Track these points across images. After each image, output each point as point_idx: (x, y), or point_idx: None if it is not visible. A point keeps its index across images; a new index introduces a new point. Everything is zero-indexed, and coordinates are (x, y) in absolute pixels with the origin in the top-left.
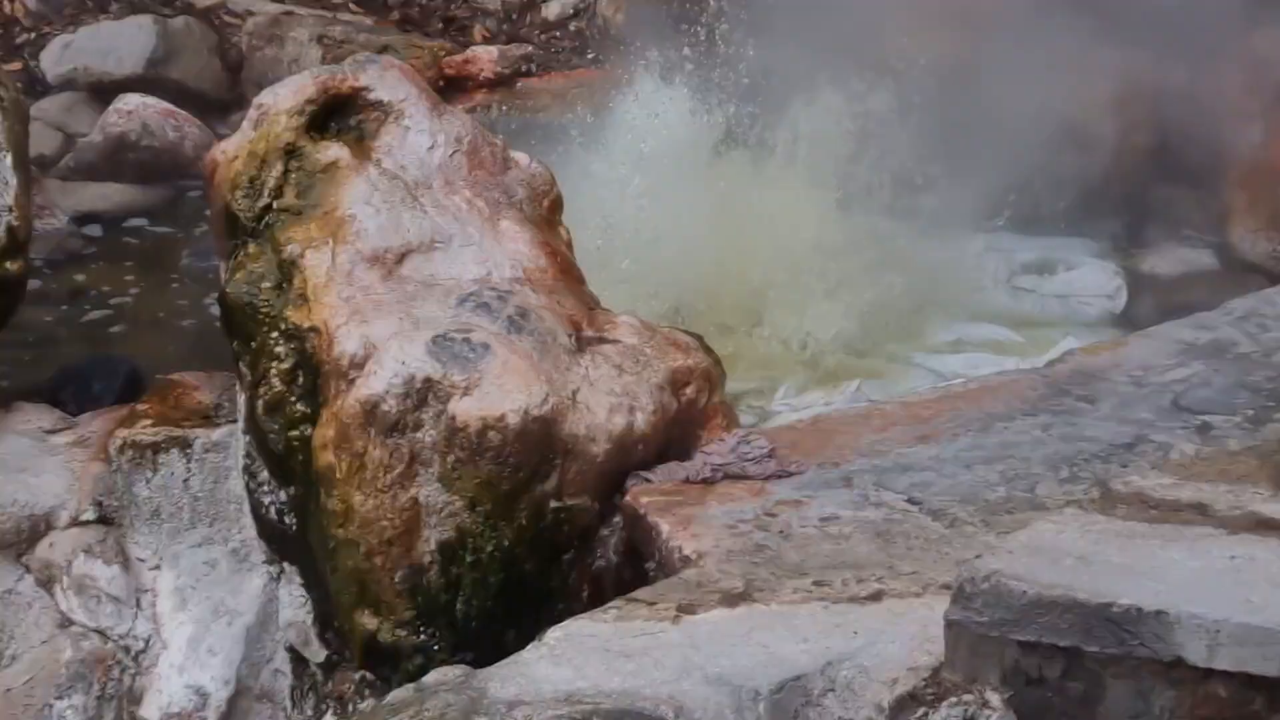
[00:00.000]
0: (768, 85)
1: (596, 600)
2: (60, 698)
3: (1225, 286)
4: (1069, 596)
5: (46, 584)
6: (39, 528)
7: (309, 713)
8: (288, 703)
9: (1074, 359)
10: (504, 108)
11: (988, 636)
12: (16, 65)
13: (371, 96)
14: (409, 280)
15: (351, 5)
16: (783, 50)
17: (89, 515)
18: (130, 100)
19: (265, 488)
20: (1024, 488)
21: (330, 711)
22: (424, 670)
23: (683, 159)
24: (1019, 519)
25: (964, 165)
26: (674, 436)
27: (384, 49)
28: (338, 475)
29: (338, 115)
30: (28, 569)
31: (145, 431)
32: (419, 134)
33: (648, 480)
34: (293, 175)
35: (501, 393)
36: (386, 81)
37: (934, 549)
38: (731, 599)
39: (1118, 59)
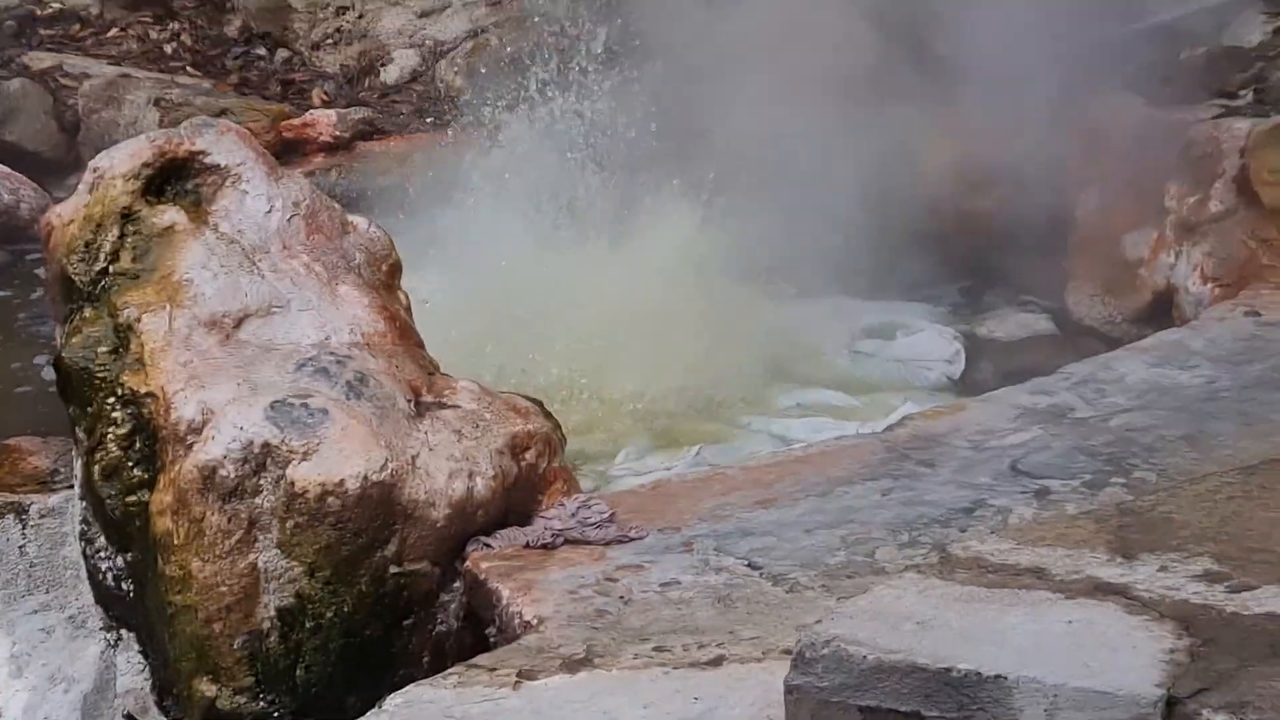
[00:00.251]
0: (612, 150)
1: (438, 666)
2: None
3: (1063, 351)
4: (909, 661)
5: None
6: None
7: None
8: None
9: (913, 423)
10: (343, 171)
11: (829, 702)
12: None
13: (208, 160)
14: (247, 345)
15: (189, 68)
16: (627, 116)
17: None
18: None
19: (103, 554)
20: (864, 552)
21: None
22: None
23: (525, 223)
24: (859, 583)
25: (805, 231)
26: (514, 501)
27: (222, 112)
28: (176, 541)
29: (174, 179)
30: None
31: None
32: (256, 198)
33: (488, 545)
34: (129, 239)
35: (341, 458)
36: (223, 145)
37: (775, 614)
38: (572, 665)
39: (957, 125)
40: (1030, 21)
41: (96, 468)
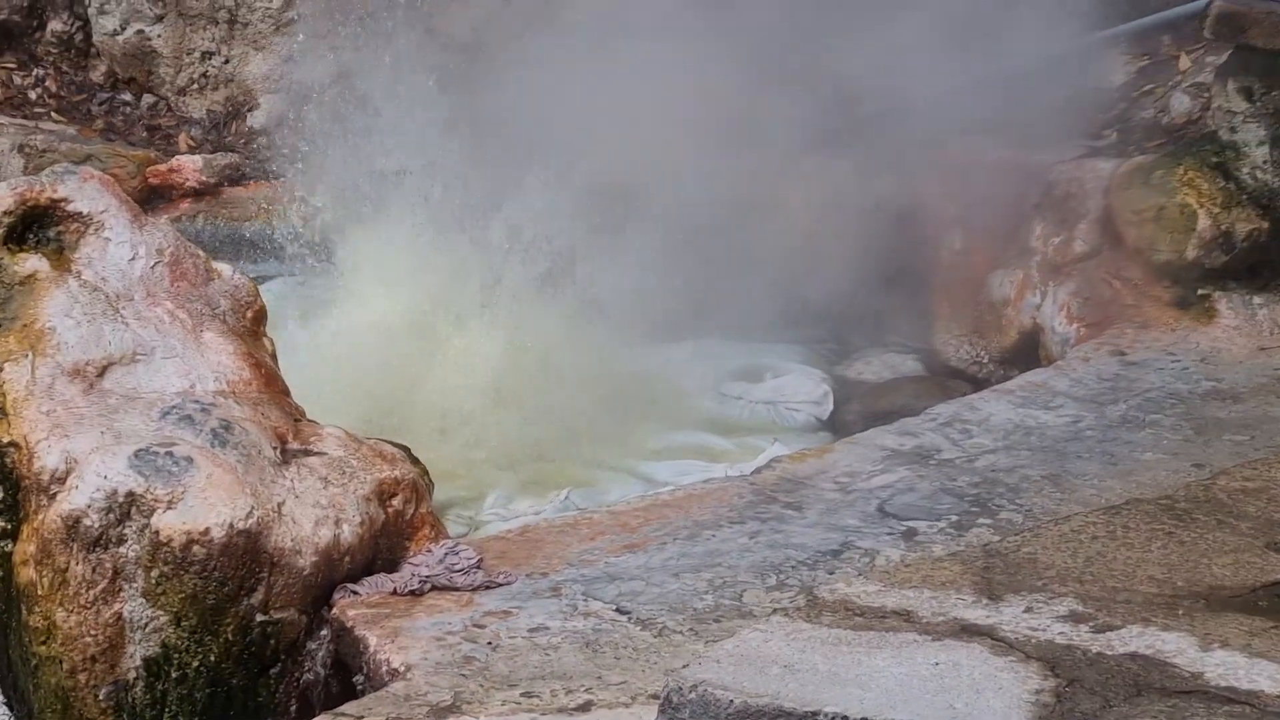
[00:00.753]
0: (477, 188)
1: (304, 714)
2: None
3: (930, 392)
4: (775, 705)
5: None
6: None
7: None
8: None
9: (781, 466)
10: (210, 217)
11: None
12: None
13: (71, 208)
14: (111, 393)
15: (54, 114)
16: (493, 153)
17: None
18: None
19: None
20: (731, 595)
21: None
22: None
23: (386, 265)
24: (726, 627)
25: (670, 273)
26: (382, 548)
27: (87, 158)
28: (39, 591)
29: (36, 226)
30: None
31: None
32: (120, 245)
33: (355, 593)
34: None
35: (205, 506)
36: (86, 192)
37: (642, 658)
38: (440, 712)
39: (821, 167)
40: (892, 65)
41: None
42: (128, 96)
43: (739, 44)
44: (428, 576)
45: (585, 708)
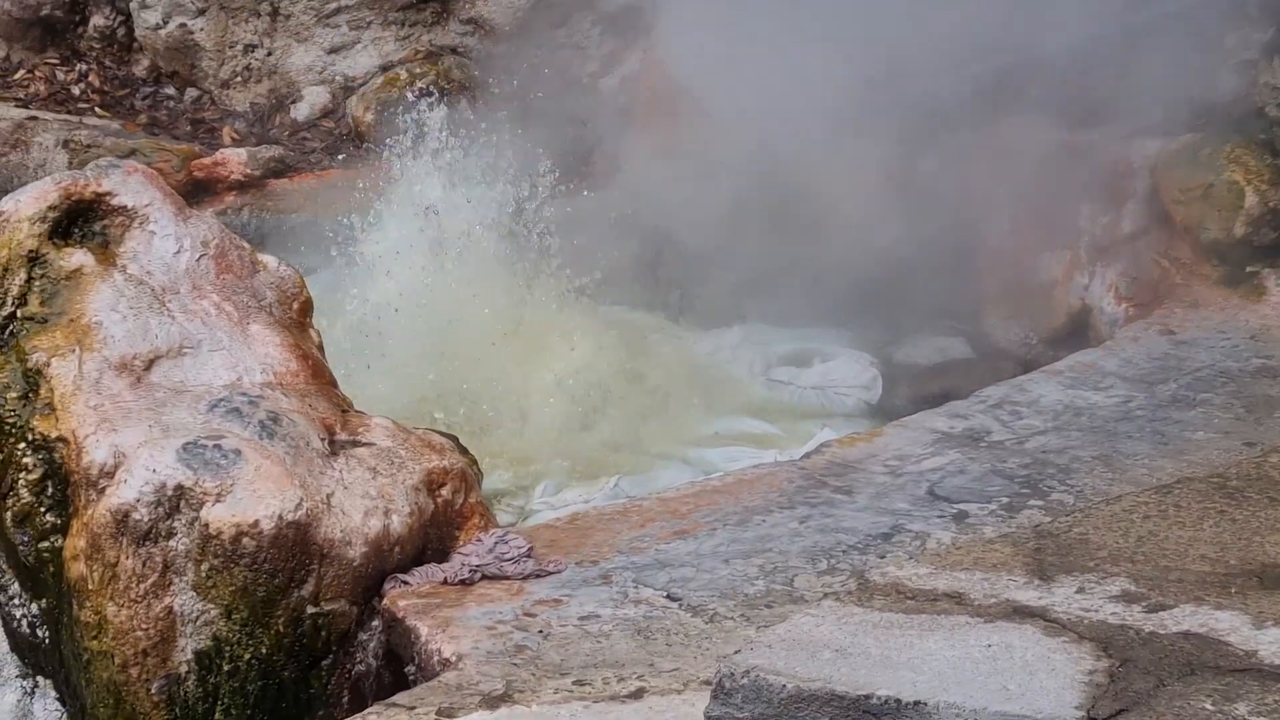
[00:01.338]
0: (524, 182)
1: (357, 706)
2: None
3: (979, 374)
4: (828, 689)
5: None
6: None
7: None
8: None
9: (830, 450)
10: (255, 210)
11: None
12: None
13: (115, 202)
14: (158, 387)
15: (98, 109)
16: (538, 147)
17: None
18: None
19: (16, 600)
20: (782, 581)
21: None
22: None
23: (438, 257)
24: (778, 612)
25: (718, 258)
26: (431, 538)
27: (131, 153)
28: (90, 586)
29: (81, 221)
30: None
31: None
32: (164, 239)
33: (405, 583)
34: (36, 283)
35: (254, 499)
36: (130, 186)
37: (694, 645)
38: (492, 701)
39: (868, 150)
40: (936, 48)
41: (8, 514)
42: (171, 90)
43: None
44: (478, 566)
45: (637, 695)
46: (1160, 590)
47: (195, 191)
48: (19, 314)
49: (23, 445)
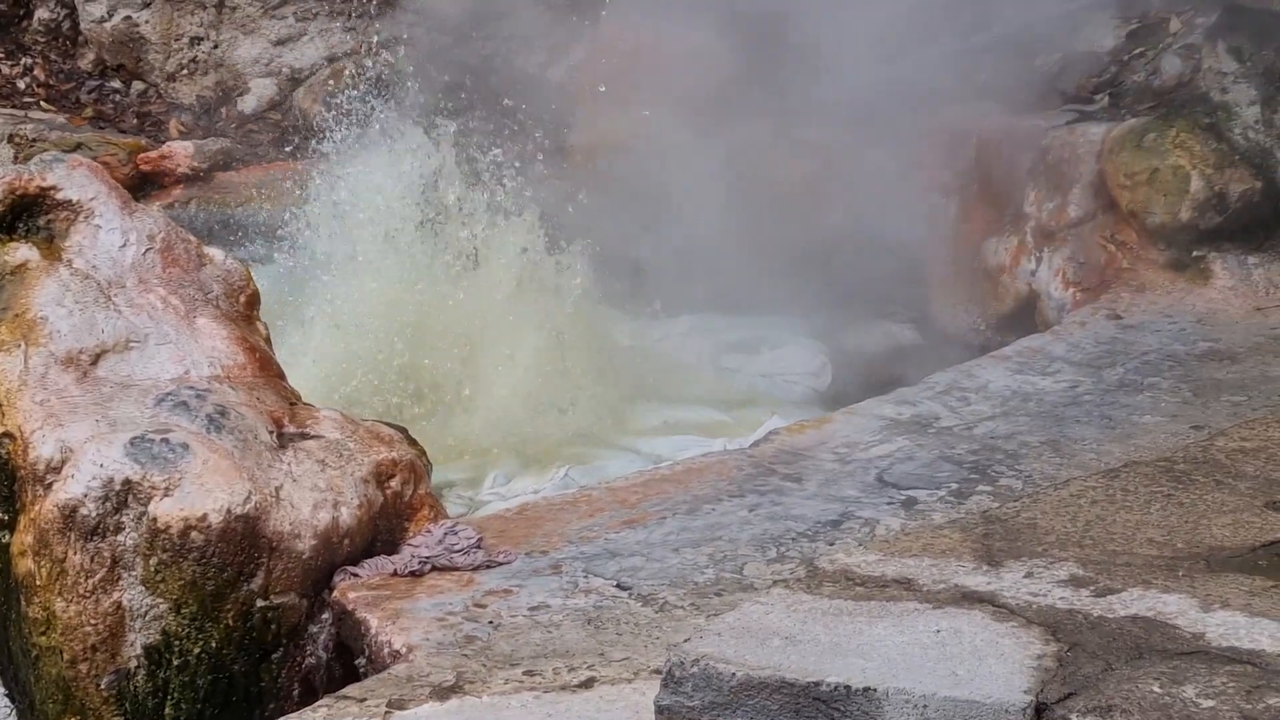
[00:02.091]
0: (472, 170)
1: (307, 698)
2: None
3: (927, 361)
4: (778, 677)
5: None
6: None
7: None
8: None
9: (779, 438)
10: (202, 203)
11: None
12: None
13: (60, 196)
14: (105, 381)
15: (43, 103)
16: (484, 136)
17: None
18: None
19: None
20: (732, 569)
21: None
22: None
23: (387, 247)
24: (727, 600)
25: (665, 247)
26: (381, 530)
27: (77, 146)
28: (38, 582)
29: (26, 216)
30: None
31: None
32: (110, 233)
33: (355, 575)
34: None
35: (203, 492)
36: (74, 180)
37: (644, 634)
38: (442, 692)
39: (814, 139)
40: (882, 35)
41: None
42: (117, 84)
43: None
44: (428, 557)
45: (588, 684)
46: (1108, 574)
47: (142, 185)
48: None
49: None
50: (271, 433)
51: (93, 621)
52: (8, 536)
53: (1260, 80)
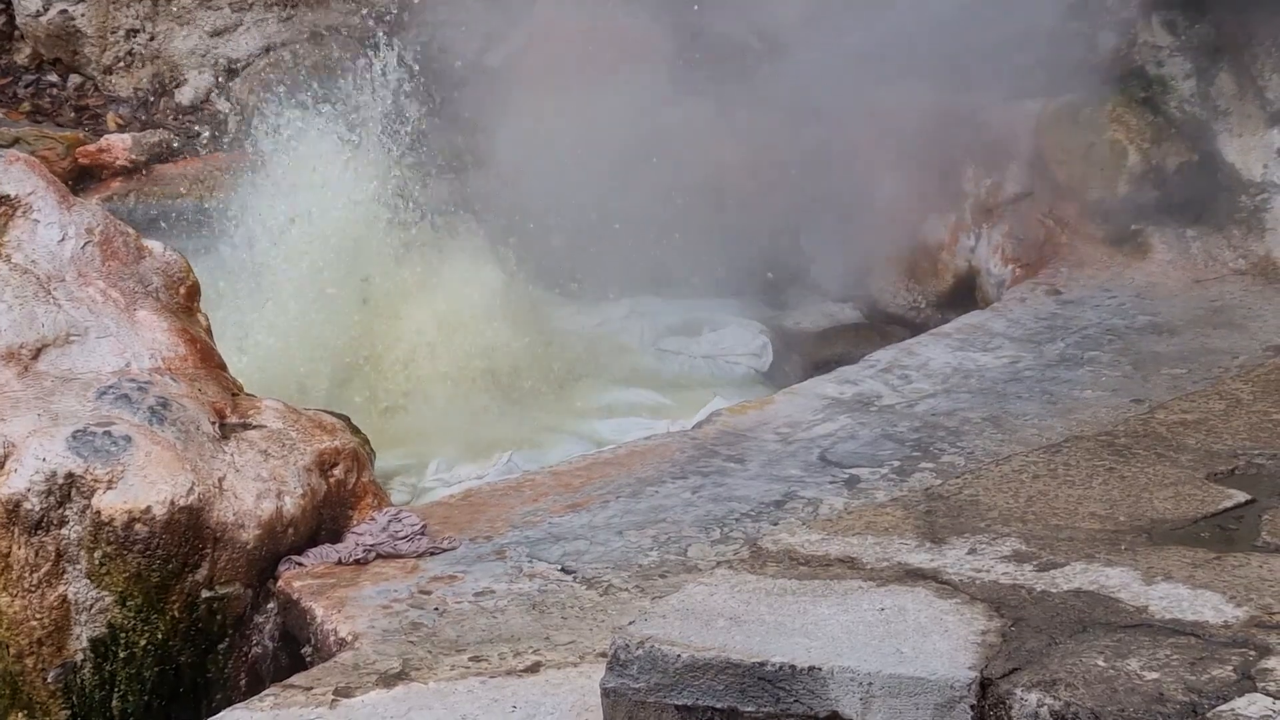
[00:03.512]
0: (416, 158)
1: (254, 688)
2: None
3: (868, 339)
4: (723, 658)
5: None
6: None
7: None
8: None
9: (721, 419)
10: (141, 196)
11: (645, 703)
12: None
13: None
14: (46, 375)
15: None
16: (420, 124)
17: None
18: None
19: None
20: (676, 550)
21: None
22: None
23: (327, 235)
24: (672, 582)
25: (604, 231)
26: (325, 518)
27: (14, 141)
28: None
29: None
30: None
31: None
32: (48, 227)
33: (300, 564)
34: None
35: (146, 484)
36: (12, 175)
37: (589, 617)
38: (389, 679)
39: (749, 120)
40: (816, 15)
41: None
42: (54, 78)
43: None
44: (372, 545)
45: (534, 669)
46: (1051, 549)
47: (81, 179)
48: None
49: None
50: (214, 423)
51: (38, 615)
52: None
53: (1195, 53)
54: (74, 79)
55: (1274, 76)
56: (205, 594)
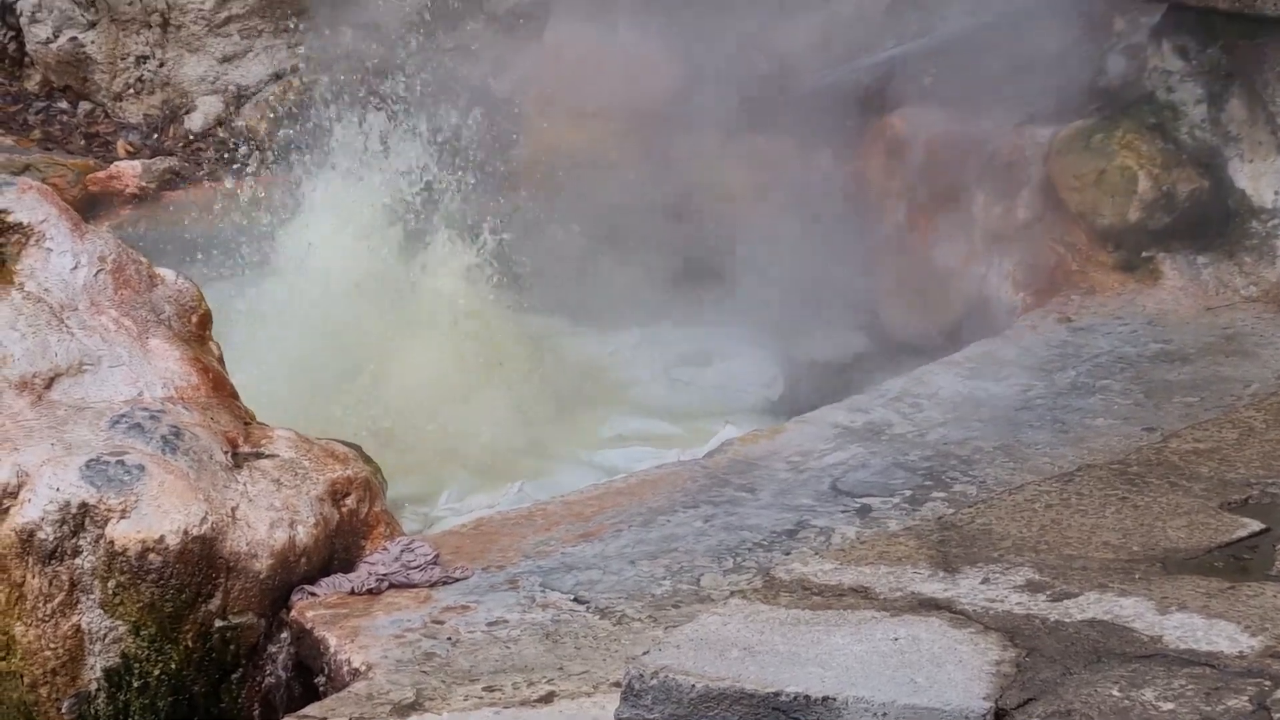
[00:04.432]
0: (424, 185)
1: (268, 718)
2: None
3: (879, 367)
4: (737, 688)
5: None
6: None
7: None
8: None
9: (733, 448)
10: (151, 223)
11: None
12: None
13: (10, 219)
14: (59, 404)
15: None
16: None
17: None
18: None
19: None
20: (689, 580)
21: None
22: None
23: (340, 263)
24: (685, 612)
25: (615, 259)
26: (337, 548)
27: (25, 169)
28: None
29: None
30: None
31: None
32: (61, 255)
33: (313, 594)
34: None
35: (159, 514)
36: (25, 203)
37: (603, 647)
38: (403, 709)
39: (760, 146)
40: (818, 42)
41: None
42: (64, 104)
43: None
44: (385, 574)
45: (548, 699)
46: (1064, 579)
47: (91, 206)
48: None
49: None
50: (226, 453)
51: (52, 645)
52: None
53: (1206, 79)
54: (84, 106)
55: None
56: (218, 624)
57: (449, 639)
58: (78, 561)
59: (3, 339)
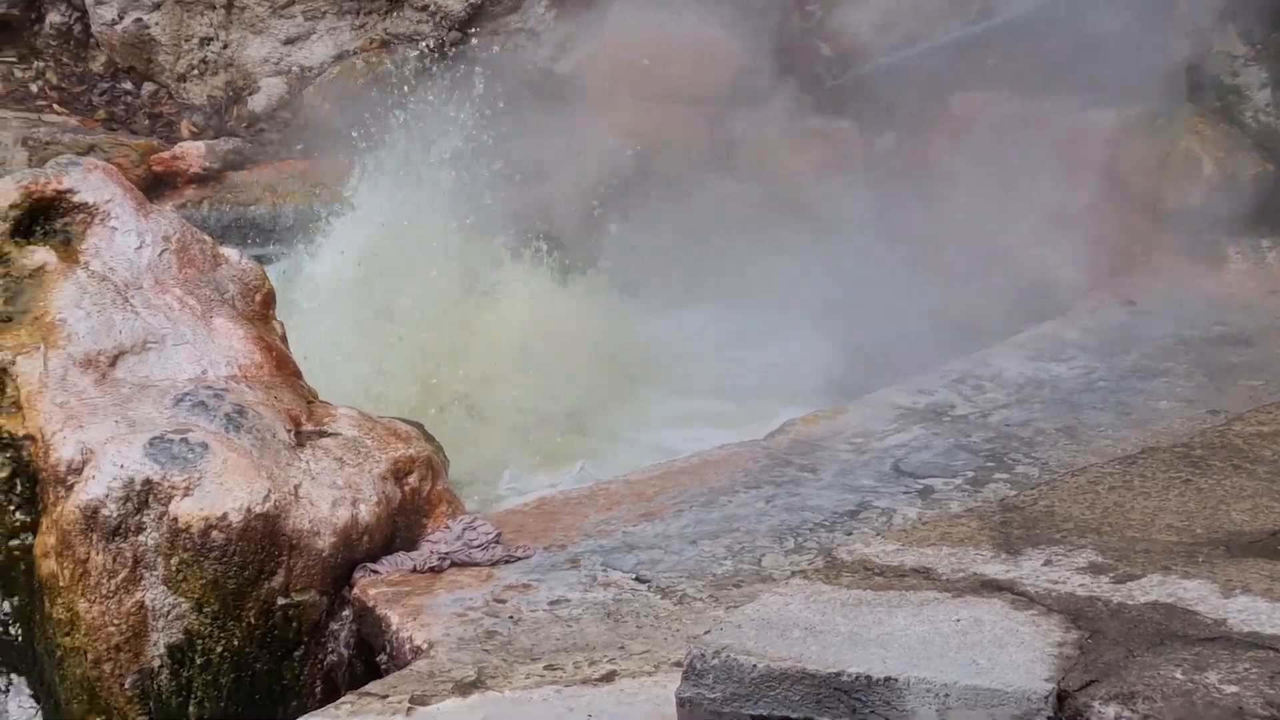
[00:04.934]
0: (493, 169)
1: (330, 696)
2: None
3: (941, 348)
4: (799, 668)
5: None
6: None
7: None
8: None
9: (794, 429)
10: (214, 203)
11: (720, 713)
12: None
13: (76, 199)
14: (124, 382)
15: (56, 106)
16: (494, 133)
17: None
18: None
19: None
20: (750, 560)
21: None
22: None
23: (405, 245)
24: (746, 592)
25: (676, 240)
26: (399, 526)
27: (90, 149)
28: (61, 583)
29: (43, 219)
30: None
31: None
32: (126, 234)
33: (375, 572)
34: (0, 281)
35: (222, 491)
36: (90, 183)
37: (664, 626)
38: (464, 688)
39: (825, 126)
40: (887, 23)
41: None
42: (128, 85)
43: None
44: (447, 553)
45: (609, 678)
46: (1127, 561)
47: (155, 186)
48: None
49: None
50: (289, 431)
51: (116, 621)
52: (31, 538)
53: (1271, 63)
54: (148, 87)
55: None
56: (281, 601)
57: (510, 617)
58: (141, 538)
59: (68, 317)
